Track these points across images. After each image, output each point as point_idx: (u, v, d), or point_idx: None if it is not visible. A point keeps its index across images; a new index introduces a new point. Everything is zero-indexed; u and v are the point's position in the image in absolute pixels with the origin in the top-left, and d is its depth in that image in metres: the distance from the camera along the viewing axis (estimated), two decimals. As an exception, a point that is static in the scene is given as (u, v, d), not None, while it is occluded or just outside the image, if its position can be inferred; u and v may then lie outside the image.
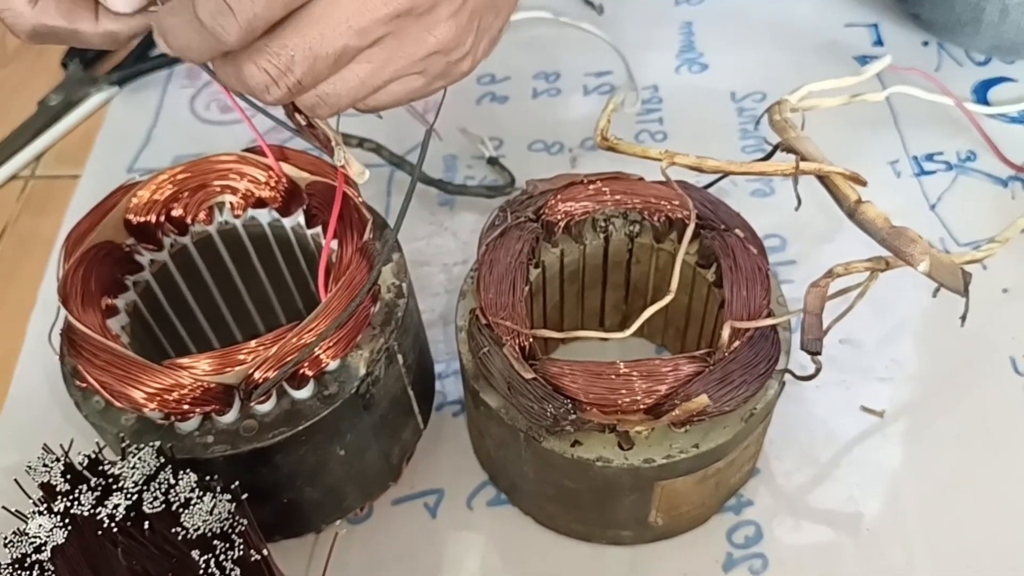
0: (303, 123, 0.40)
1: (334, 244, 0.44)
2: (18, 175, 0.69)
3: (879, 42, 0.71)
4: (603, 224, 0.49)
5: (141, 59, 0.74)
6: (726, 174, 0.46)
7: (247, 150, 0.47)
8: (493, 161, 0.64)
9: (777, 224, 0.59)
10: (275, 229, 0.48)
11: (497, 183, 0.64)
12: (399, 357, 0.44)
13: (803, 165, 0.43)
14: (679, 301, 0.51)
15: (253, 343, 0.39)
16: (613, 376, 0.41)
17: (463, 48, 0.38)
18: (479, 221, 0.62)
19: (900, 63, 0.58)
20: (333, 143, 0.39)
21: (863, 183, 0.44)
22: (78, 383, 0.41)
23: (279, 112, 0.40)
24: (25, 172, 0.69)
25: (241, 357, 0.39)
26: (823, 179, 0.44)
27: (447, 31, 0.37)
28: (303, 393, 0.41)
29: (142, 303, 0.46)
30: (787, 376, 0.44)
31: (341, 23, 0.35)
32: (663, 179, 0.44)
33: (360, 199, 0.44)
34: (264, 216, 0.48)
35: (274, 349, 0.39)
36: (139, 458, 0.37)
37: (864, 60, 0.69)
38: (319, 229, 0.46)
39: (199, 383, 0.39)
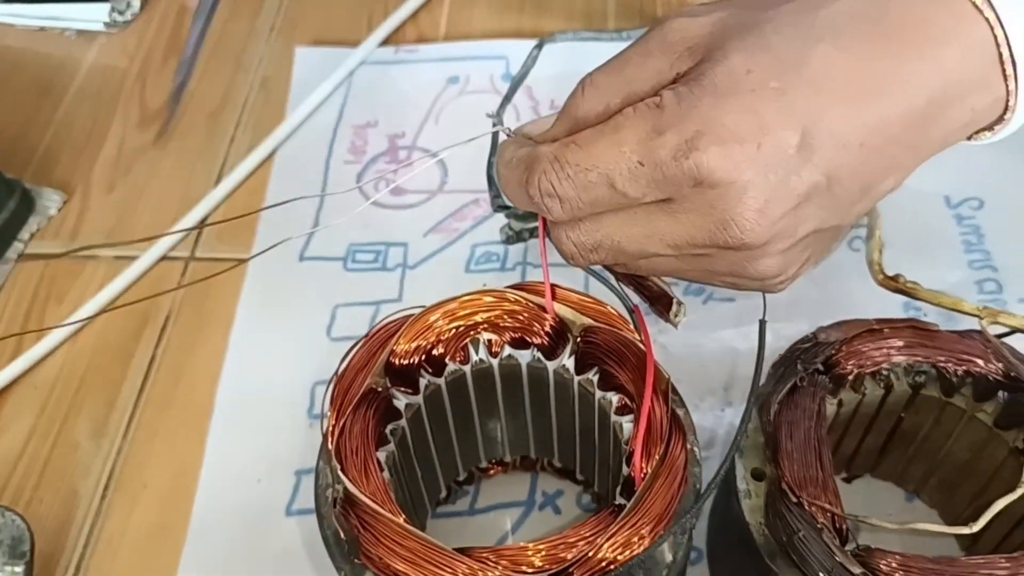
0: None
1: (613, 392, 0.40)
2: (176, 256, 0.64)
3: (1090, 145, 0.67)
4: (885, 374, 0.45)
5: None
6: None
7: (514, 286, 0.43)
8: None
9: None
10: (533, 369, 0.44)
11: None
12: (692, 533, 0.40)
13: None
14: (956, 455, 0.47)
15: (572, 536, 0.35)
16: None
17: (782, 276, 0.35)
18: (688, 335, 0.58)
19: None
20: (674, 303, 0.36)
21: None
22: (354, 558, 0.37)
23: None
24: (183, 252, 0.64)
25: (560, 553, 0.35)
26: None
27: (770, 266, 0.33)
28: (610, 583, 0.36)
29: (398, 453, 0.42)
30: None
31: (655, 235, 0.33)
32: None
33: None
34: (524, 356, 0.43)
35: (598, 543, 0.35)
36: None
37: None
38: (591, 376, 0.42)
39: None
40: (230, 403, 0.56)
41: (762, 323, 0.37)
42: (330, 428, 0.38)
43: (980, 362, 0.43)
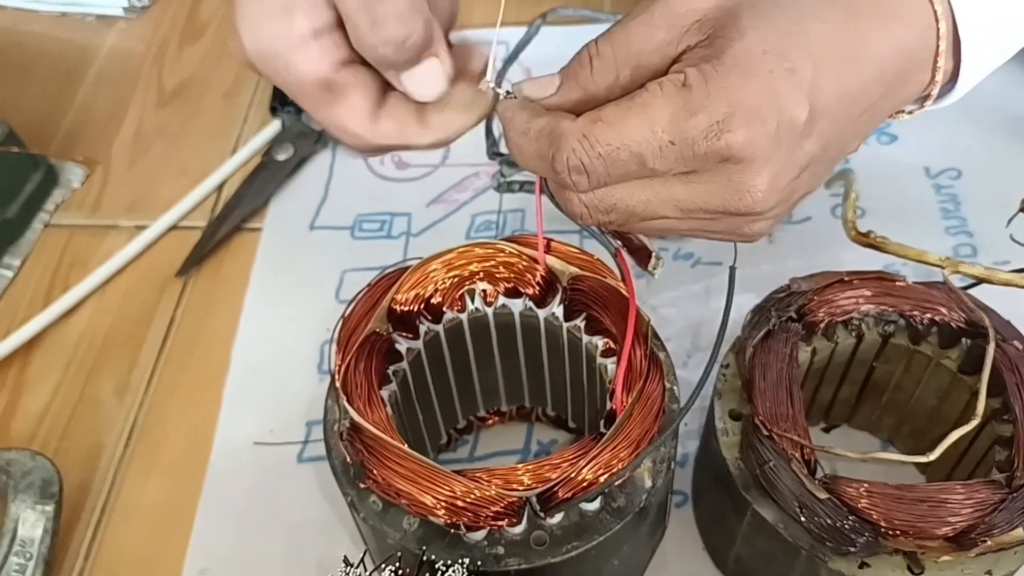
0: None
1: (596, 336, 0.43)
2: (189, 226, 0.68)
3: (1067, 119, 0.70)
4: (856, 323, 0.48)
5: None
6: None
7: (508, 239, 0.46)
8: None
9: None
10: (526, 318, 0.47)
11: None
12: (672, 463, 0.43)
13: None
14: (924, 402, 0.50)
15: (556, 458, 0.38)
16: (916, 502, 0.40)
17: (765, 233, 0.37)
18: (677, 297, 0.61)
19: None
20: (653, 256, 0.39)
21: None
22: (360, 483, 0.40)
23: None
24: (199, 222, 0.68)
25: (546, 473, 0.38)
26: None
27: (764, 227, 0.36)
28: (592, 505, 0.40)
29: (400, 393, 0.45)
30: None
31: (670, 201, 0.35)
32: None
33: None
34: (517, 305, 0.46)
35: (580, 465, 0.38)
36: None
37: (1054, 138, 0.68)
38: (579, 323, 0.45)
39: (499, 495, 0.38)
40: (245, 361, 0.60)
41: (732, 269, 0.40)
42: (337, 366, 0.41)
43: (943, 310, 0.46)
